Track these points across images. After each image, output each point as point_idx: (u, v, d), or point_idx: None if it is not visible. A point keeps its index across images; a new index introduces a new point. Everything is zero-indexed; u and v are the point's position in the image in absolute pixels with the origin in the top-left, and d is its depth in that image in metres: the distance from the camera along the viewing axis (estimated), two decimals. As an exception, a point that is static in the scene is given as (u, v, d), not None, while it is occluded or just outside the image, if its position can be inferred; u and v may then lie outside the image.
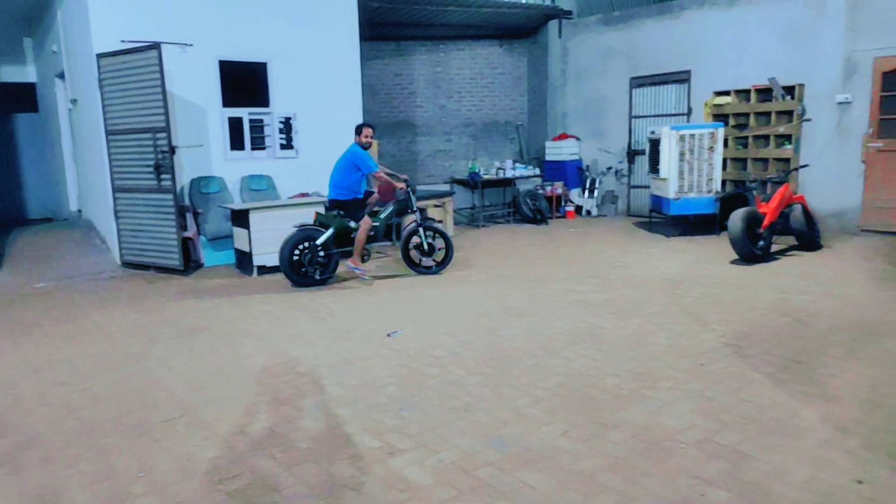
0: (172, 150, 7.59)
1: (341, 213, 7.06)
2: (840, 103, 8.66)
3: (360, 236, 6.91)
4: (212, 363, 4.67)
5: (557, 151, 11.99)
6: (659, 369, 4.23)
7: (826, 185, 8.90)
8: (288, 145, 9.31)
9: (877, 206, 8.52)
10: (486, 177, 11.34)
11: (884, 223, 8.47)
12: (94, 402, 4.04)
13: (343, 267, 7.14)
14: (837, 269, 6.86)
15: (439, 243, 7.40)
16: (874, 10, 8.27)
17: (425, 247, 7.22)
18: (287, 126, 9.26)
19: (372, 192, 7.49)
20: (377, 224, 7.13)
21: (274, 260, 7.59)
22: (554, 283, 6.76)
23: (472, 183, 11.38)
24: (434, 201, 10.04)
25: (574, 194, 11.98)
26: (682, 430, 3.37)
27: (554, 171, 11.93)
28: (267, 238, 7.50)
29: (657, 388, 3.93)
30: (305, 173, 9.28)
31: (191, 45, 8.34)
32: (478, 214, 11.44)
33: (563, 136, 12.12)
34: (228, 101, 8.82)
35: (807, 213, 7.87)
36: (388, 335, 5.16)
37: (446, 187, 11.60)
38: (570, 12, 12.04)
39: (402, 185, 7.14)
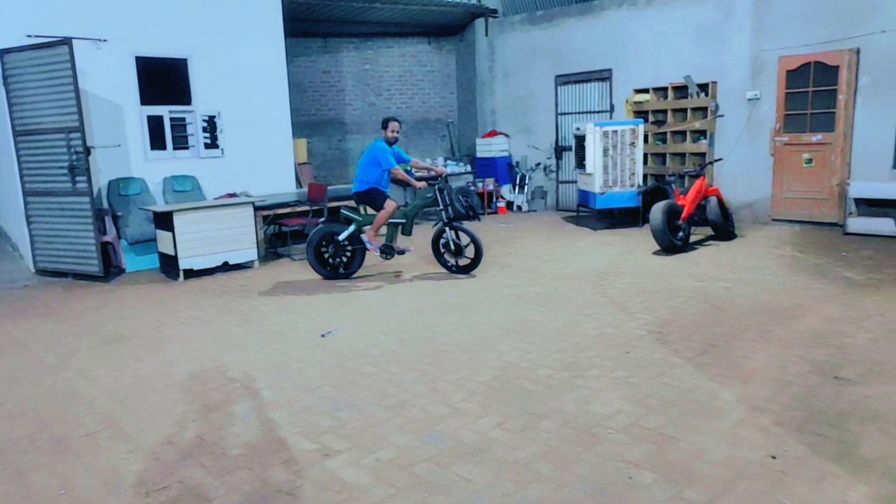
0: (88, 150, 7.24)
1: (365, 207, 7.04)
2: (749, 100, 9.16)
3: (382, 215, 6.80)
4: (135, 373, 4.49)
5: (488, 148, 12.15)
6: (588, 358, 4.38)
7: (738, 178, 9.41)
8: (213, 144, 9.04)
9: (785, 197, 9.07)
10: (417, 174, 11.34)
11: (791, 213, 9.02)
12: (8, 419, 3.82)
13: (370, 261, 7.21)
14: (750, 257, 7.26)
15: (466, 241, 6.99)
16: (777, 13, 8.79)
17: (451, 246, 6.93)
18: (211, 125, 8.99)
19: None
20: (402, 221, 6.98)
21: (201, 263, 7.38)
22: (487, 278, 6.85)
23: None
24: (366, 200, 9.96)
25: (505, 190, 12.17)
26: (610, 416, 3.50)
27: (485, 167, 12.08)
28: (193, 240, 7.27)
29: (586, 376, 4.07)
30: (232, 173, 9.04)
31: (105, 40, 7.97)
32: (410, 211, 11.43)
33: (493, 133, 12.28)
34: (147, 99, 8.48)
35: (722, 204, 8.29)
36: (323, 335, 5.10)
37: (378, 185, 11.54)
38: (495, 11, 12.20)
39: (422, 184, 6.92)
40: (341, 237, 6.95)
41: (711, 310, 5.35)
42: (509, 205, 12.19)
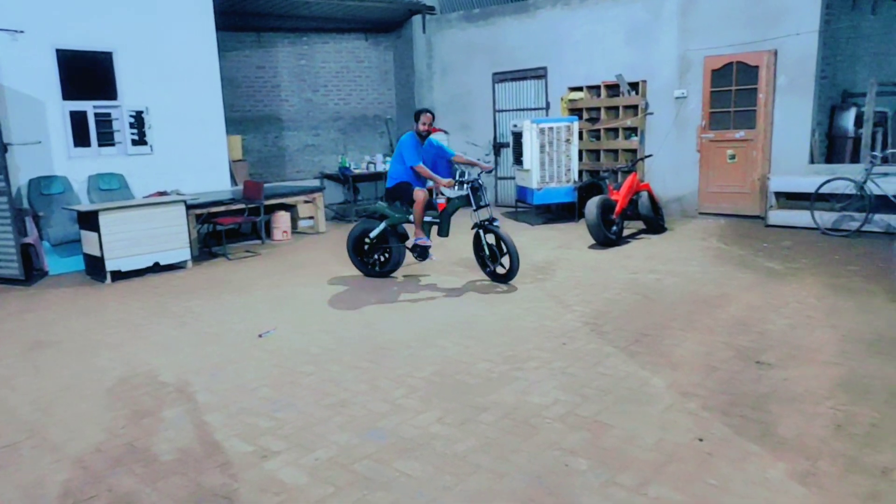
0: (5, 147, 6.85)
1: (398, 203, 6.49)
2: (677, 98, 9.51)
3: (416, 209, 6.25)
4: (61, 379, 4.29)
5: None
6: (526, 351, 4.46)
7: (668, 174, 9.76)
8: (141, 141, 8.72)
9: (711, 191, 9.46)
10: (356, 171, 11.28)
11: (717, 206, 9.43)
12: (-83, 433, 3.58)
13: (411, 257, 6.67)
14: (679, 250, 7.55)
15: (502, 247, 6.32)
16: (701, 14, 9.16)
17: (486, 251, 6.30)
18: (139, 120, 8.67)
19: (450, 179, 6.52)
20: (437, 221, 6.43)
21: (130, 264, 7.11)
22: (427, 275, 6.87)
23: (343, 177, 11.27)
24: (304, 197, 9.83)
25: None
26: (547, 407, 3.58)
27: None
28: (120, 241, 7.00)
29: (525, 368, 4.14)
30: (162, 170, 8.75)
31: (22, 31, 7.55)
32: (350, 209, 11.34)
33: (433, 130, 12.28)
34: (70, 94, 8.09)
35: (652, 199, 8.59)
36: (260, 336, 5.01)
37: (316, 182, 11.40)
38: (432, 8, 12.22)
39: (448, 181, 6.28)
40: (372, 234, 6.59)
41: (643, 301, 5.54)
42: (449, 201, 12.22)
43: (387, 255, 6.76)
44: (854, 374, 3.81)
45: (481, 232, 6.24)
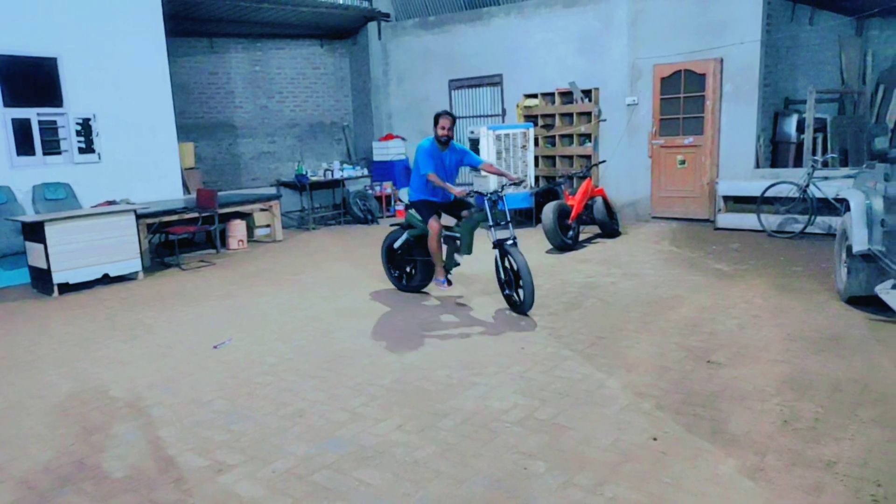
0: (-60, 156, 6.56)
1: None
2: (629, 105, 9.74)
3: (430, 245, 5.73)
4: (5, 397, 4.13)
5: (385, 151, 12.14)
6: (486, 356, 4.49)
7: (621, 179, 9.97)
8: (88, 149, 8.47)
9: (662, 196, 9.71)
10: (313, 178, 11.17)
11: (669, 210, 9.68)
12: None
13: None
14: (633, 253, 7.72)
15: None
16: (650, 24, 9.41)
17: (501, 275, 5.49)
18: (86, 128, 8.41)
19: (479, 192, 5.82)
20: (456, 234, 5.80)
21: (78, 276, 6.88)
22: (386, 282, 6.85)
23: (300, 185, 11.15)
24: (260, 205, 9.70)
25: (403, 193, 12.20)
26: (506, 411, 3.61)
27: (382, 171, 12.07)
28: (67, 252, 6.78)
29: (484, 374, 4.17)
30: (111, 179, 8.51)
31: (-42, 35, 7.25)
32: (307, 217, 11.24)
33: (390, 137, 12.30)
34: (12, 101, 7.81)
35: (607, 204, 8.76)
36: (215, 347, 4.91)
37: (273, 190, 11.24)
38: (388, 15, 12.24)
39: (460, 190, 5.57)
40: (395, 244, 6.18)
41: (599, 304, 5.64)
42: (407, 207, 12.23)
43: (413, 270, 6.22)
44: (798, 371, 3.96)
45: (498, 253, 5.50)
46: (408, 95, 12.29)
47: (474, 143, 9.87)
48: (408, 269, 6.28)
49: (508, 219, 5.45)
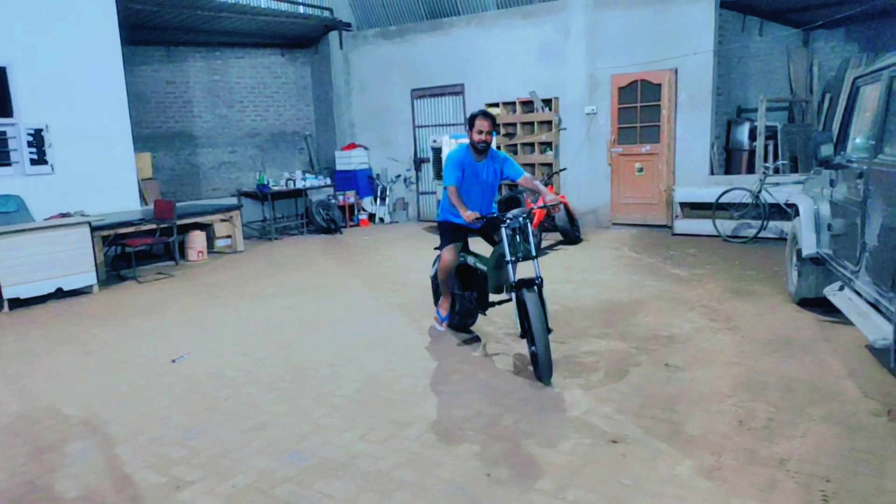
0: None
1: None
2: (588, 114, 9.92)
3: (440, 275, 4.90)
4: (-50, 418, 3.97)
5: (347, 161, 12.10)
6: (450, 364, 4.50)
7: (582, 186, 10.13)
8: (41, 160, 8.22)
9: (622, 203, 9.90)
10: (275, 188, 11.05)
11: (628, 217, 9.87)
12: None
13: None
14: (594, 259, 7.85)
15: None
16: (607, 35, 9.61)
17: (522, 325, 4.19)
18: (38, 138, 8.17)
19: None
20: (481, 267, 4.70)
21: (29, 291, 6.67)
22: (349, 291, 6.82)
23: (262, 195, 11.03)
24: (220, 215, 9.55)
25: (366, 202, 12.18)
26: (470, 419, 3.62)
27: (345, 180, 12.02)
28: (18, 266, 6.58)
29: (448, 382, 4.18)
30: (65, 191, 8.28)
31: None
32: (269, 227, 11.11)
33: (352, 146, 12.26)
34: (-43, 111, 7.55)
35: (568, 211, 8.89)
36: (174, 361, 4.81)
37: (233, 200, 11.08)
38: (349, 24, 12.23)
39: (472, 214, 4.35)
40: (430, 272, 5.31)
41: (562, 310, 5.71)
42: (371, 217, 12.22)
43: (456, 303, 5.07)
44: (752, 373, 4.08)
45: (515, 298, 4.22)
46: (370, 105, 12.28)
47: (437, 152, 9.91)
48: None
49: (534, 253, 4.24)
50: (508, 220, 4.23)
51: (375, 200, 12.26)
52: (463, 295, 4.96)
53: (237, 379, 4.39)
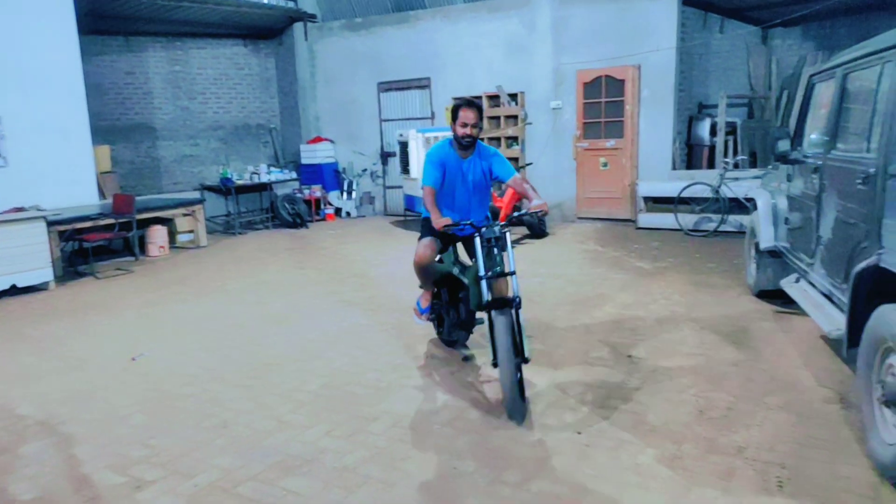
0: None
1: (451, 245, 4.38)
2: (553, 109, 9.99)
3: (414, 266, 4.26)
4: None
5: (313, 154, 11.97)
6: (416, 359, 4.49)
7: (547, 180, 10.19)
8: (-8, 152, 7.93)
9: (587, 197, 10.01)
10: (239, 182, 10.88)
11: (593, 211, 9.99)
12: None
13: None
14: (560, 253, 7.92)
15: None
16: (573, 30, 9.69)
17: (488, 345, 3.63)
18: (-11, 130, 7.88)
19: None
20: (463, 279, 4.15)
21: (-19, 288, 6.44)
22: (315, 286, 6.76)
23: (225, 189, 10.84)
24: (182, 210, 9.36)
25: (333, 197, 12.07)
26: (436, 412, 3.63)
27: (311, 174, 11.89)
28: (-31, 263, 6.33)
29: (413, 376, 4.18)
30: (18, 184, 8.00)
31: None
32: (234, 221, 10.93)
33: (318, 140, 12.13)
34: None
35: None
36: (134, 359, 4.71)
37: (196, 194, 10.87)
38: (314, 16, 12.07)
39: (443, 220, 3.75)
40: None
41: (528, 303, 5.68)
42: (338, 211, 12.12)
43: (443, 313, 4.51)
44: (712, 363, 4.17)
45: (487, 320, 3.61)
46: (335, 98, 12.16)
47: (403, 146, 9.87)
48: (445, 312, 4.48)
49: (512, 268, 3.65)
50: (483, 230, 3.65)
51: (342, 195, 12.16)
52: (449, 310, 4.38)
53: (200, 376, 4.32)
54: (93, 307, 6.29)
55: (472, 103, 3.94)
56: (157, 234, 8.86)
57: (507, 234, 3.69)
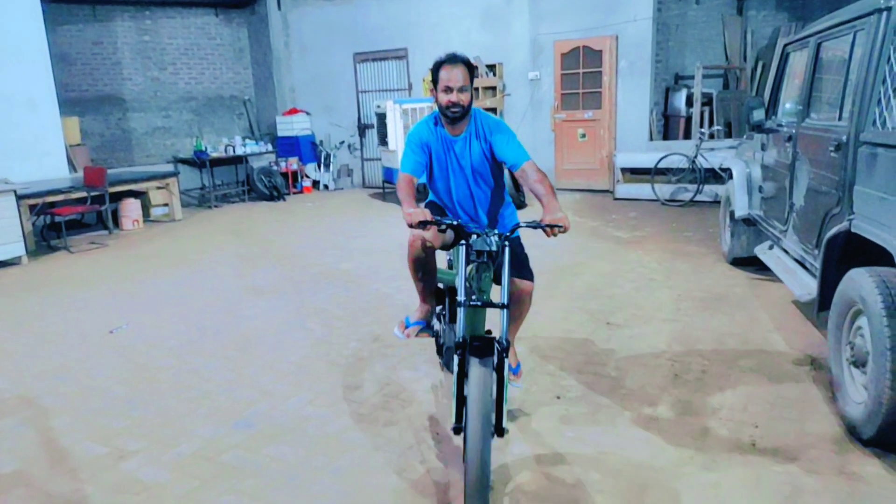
0: None
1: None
2: (531, 80, 9.95)
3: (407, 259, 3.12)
4: None
5: (289, 126, 11.80)
6: (396, 327, 4.51)
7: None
8: (-45, 124, 7.69)
9: (566, 168, 10.04)
10: (214, 155, 10.69)
11: (572, 182, 10.03)
12: None
13: None
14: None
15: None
16: (550, 0, 9.60)
17: (451, 401, 2.50)
18: (-49, 101, 7.64)
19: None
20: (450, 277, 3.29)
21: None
22: (293, 258, 6.72)
23: (199, 162, 10.66)
24: (156, 183, 9.20)
25: (310, 169, 11.94)
26: (418, 380, 3.67)
27: (287, 146, 11.73)
28: (-64, 238, 6.18)
29: (394, 345, 4.20)
30: (-16, 158, 7.79)
31: None
32: (209, 195, 10.78)
33: (294, 111, 11.94)
34: None
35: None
36: (111, 332, 4.66)
37: (169, 167, 10.68)
38: (288, -16, 11.79)
39: (415, 212, 2.57)
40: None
41: (506, 273, 5.78)
42: (315, 184, 12.01)
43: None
44: (688, 328, 4.26)
45: (457, 364, 2.44)
46: (311, 68, 11.95)
47: (381, 118, 9.77)
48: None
49: (506, 299, 2.54)
50: (474, 239, 2.59)
51: (319, 167, 12.04)
52: (446, 324, 3.29)
53: (179, 349, 4.30)
54: (67, 281, 6.19)
55: (457, 58, 2.81)
56: (131, 208, 8.71)
57: (508, 248, 2.57)
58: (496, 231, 2.65)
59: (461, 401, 2.38)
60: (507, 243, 2.58)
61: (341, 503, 2.56)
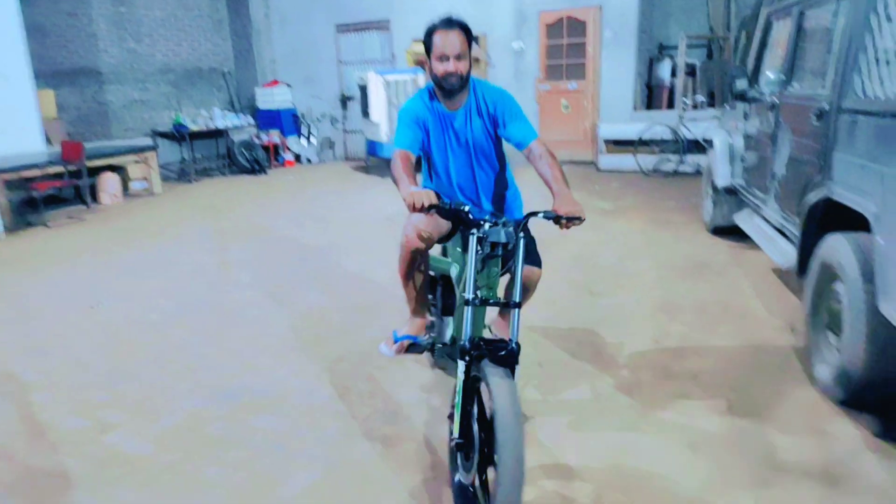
0: None
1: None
2: (516, 51, 9.85)
3: (399, 263, 2.79)
4: None
5: (270, 99, 11.62)
6: (382, 301, 4.50)
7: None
8: (-76, 98, 7.48)
9: (549, 140, 9.93)
10: (193, 128, 10.52)
11: (557, 154, 9.96)
12: None
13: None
14: (523, 196, 7.91)
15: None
16: (536, -32, 9.49)
17: (455, 429, 2.16)
18: (-81, 74, 7.41)
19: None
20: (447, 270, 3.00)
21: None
22: (275, 232, 6.67)
23: (179, 135, 10.48)
24: (134, 157, 9.05)
25: (291, 142, 11.80)
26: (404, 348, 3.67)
27: (268, 119, 11.57)
28: None
29: (380, 316, 4.20)
30: (-44, 132, 7.60)
31: None
32: (189, 168, 10.63)
33: (275, 83, 11.76)
34: None
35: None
36: (92, 307, 4.62)
37: (148, 141, 10.49)
38: (266, -49, 11.52)
39: (417, 193, 2.19)
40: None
41: (490, 245, 5.78)
42: (297, 157, 11.88)
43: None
44: (668, 296, 4.30)
45: (463, 371, 2.17)
46: (291, 40, 11.74)
47: (363, 90, 9.65)
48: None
49: (517, 298, 2.24)
50: (486, 227, 2.26)
51: (301, 140, 11.89)
52: (437, 317, 3.10)
53: (160, 323, 4.27)
54: (46, 256, 6.11)
55: (453, 22, 2.59)
56: (109, 182, 8.57)
57: (523, 239, 2.27)
58: (505, 219, 2.32)
59: (466, 414, 2.13)
60: (522, 234, 2.25)
61: (327, 471, 2.58)
